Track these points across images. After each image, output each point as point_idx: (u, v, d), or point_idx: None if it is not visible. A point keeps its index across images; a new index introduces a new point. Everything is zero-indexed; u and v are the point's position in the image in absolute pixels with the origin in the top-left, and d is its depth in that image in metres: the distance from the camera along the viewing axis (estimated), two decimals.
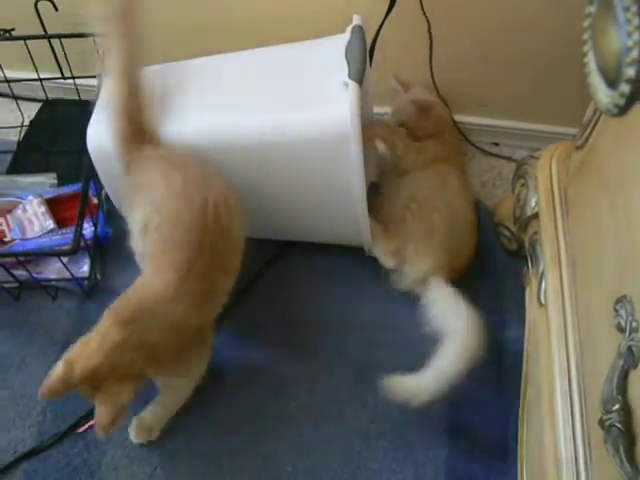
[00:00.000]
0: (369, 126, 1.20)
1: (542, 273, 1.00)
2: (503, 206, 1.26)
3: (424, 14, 1.20)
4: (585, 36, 0.65)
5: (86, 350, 0.88)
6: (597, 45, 0.63)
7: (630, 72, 0.55)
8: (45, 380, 0.87)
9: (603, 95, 0.62)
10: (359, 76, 0.98)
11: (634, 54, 0.54)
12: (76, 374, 0.87)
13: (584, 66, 0.65)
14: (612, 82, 0.59)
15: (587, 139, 0.94)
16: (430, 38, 1.24)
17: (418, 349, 1.15)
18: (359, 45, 1.01)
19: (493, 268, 1.24)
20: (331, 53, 1.04)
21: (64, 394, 0.87)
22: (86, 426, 1.10)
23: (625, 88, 0.57)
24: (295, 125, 1.02)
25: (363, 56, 1.00)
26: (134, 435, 1.08)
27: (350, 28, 1.05)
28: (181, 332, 0.95)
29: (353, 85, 0.98)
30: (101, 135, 1.11)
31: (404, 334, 1.17)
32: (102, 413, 0.87)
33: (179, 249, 0.93)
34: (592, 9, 0.63)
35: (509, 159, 1.40)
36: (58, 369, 0.87)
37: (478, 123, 1.42)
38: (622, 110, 0.59)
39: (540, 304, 0.99)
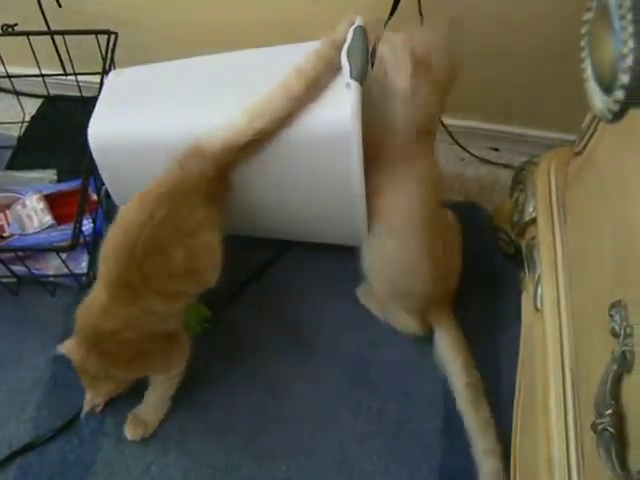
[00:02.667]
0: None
1: (538, 278, 1.00)
2: (502, 211, 1.27)
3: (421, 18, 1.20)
4: (582, 43, 0.66)
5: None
6: (594, 51, 0.63)
7: (624, 79, 0.56)
8: None
9: (598, 101, 0.63)
10: (360, 76, 0.98)
11: (629, 61, 0.55)
12: None
13: (582, 72, 0.66)
14: (607, 88, 0.60)
15: (585, 145, 0.95)
16: None
17: (414, 350, 1.16)
18: (361, 45, 1.01)
19: (490, 272, 1.25)
20: None
21: None
22: None
23: (619, 94, 0.57)
24: (296, 125, 1.02)
25: (365, 56, 1.00)
26: (129, 432, 1.09)
27: (352, 29, 1.05)
28: (131, 341, 0.98)
29: (354, 85, 0.98)
30: (103, 132, 1.11)
31: (400, 335, 1.18)
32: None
33: (108, 262, 0.96)
34: (589, 16, 0.64)
35: (507, 166, 1.40)
36: None
37: (477, 128, 1.43)
38: (616, 116, 0.60)
39: (536, 309, 1.00)
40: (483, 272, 1.24)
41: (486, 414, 1.04)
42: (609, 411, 0.65)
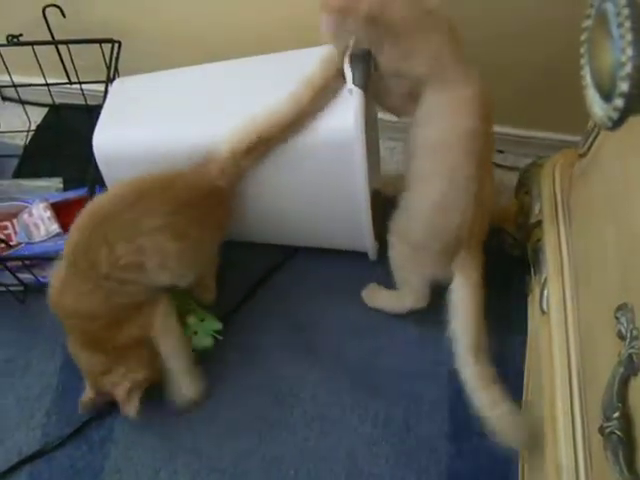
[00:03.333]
0: None
1: (544, 281, 1.00)
2: (507, 213, 1.26)
3: None
4: (582, 50, 0.66)
5: None
6: (593, 59, 0.64)
7: (623, 87, 0.56)
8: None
9: (598, 108, 0.63)
10: (363, 82, 0.99)
11: (627, 69, 0.55)
12: None
13: (581, 79, 0.66)
14: (607, 96, 0.60)
15: (590, 147, 0.94)
16: None
17: (419, 354, 1.16)
18: (363, 52, 1.01)
19: (496, 274, 1.24)
20: None
21: None
22: None
23: (619, 102, 0.57)
24: (300, 132, 1.03)
25: (367, 63, 1.00)
26: (192, 391, 1.11)
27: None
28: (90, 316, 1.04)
29: (357, 91, 0.98)
30: (107, 142, 1.12)
31: (406, 339, 1.18)
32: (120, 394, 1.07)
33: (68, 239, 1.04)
34: (588, 23, 0.64)
35: (512, 168, 1.40)
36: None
37: None
38: (616, 124, 0.60)
39: (542, 311, 1.00)
40: (488, 275, 1.23)
41: (489, 367, 1.01)
42: (616, 414, 0.65)
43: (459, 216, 1.02)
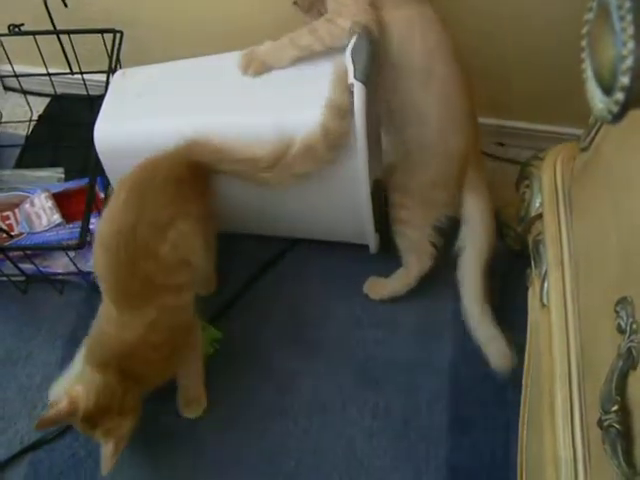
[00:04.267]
0: None
1: (545, 274, 1.00)
2: (508, 206, 1.26)
3: None
4: (583, 43, 0.66)
5: (85, 393, 0.94)
6: (594, 52, 0.63)
7: (624, 80, 0.56)
8: (47, 414, 0.93)
9: (599, 102, 0.62)
10: (364, 77, 0.98)
11: (628, 62, 0.55)
12: (79, 413, 0.93)
13: (582, 72, 0.66)
14: (607, 89, 0.60)
15: (592, 141, 0.94)
16: None
17: (419, 347, 1.17)
18: (365, 46, 1.00)
19: (497, 267, 1.25)
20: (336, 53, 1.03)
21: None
22: None
23: (619, 96, 0.57)
24: (301, 126, 1.02)
25: (369, 57, 1.00)
26: (190, 412, 1.11)
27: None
28: (154, 346, 0.97)
29: (358, 85, 0.98)
30: (108, 134, 1.12)
31: (406, 332, 1.18)
32: (107, 449, 0.94)
33: (103, 279, 0.98)
34: (590, 16, 0.64)
35: (513, 161, 1.40)
36: (62, 405, 0.93)
37: (483, 123, 1.42)
38: (616, 117, 0.60)
39: (542, 305, 1.00)
40: (489, 267, 1.23)
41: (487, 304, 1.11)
42: (615, 407, 0.65)
43: (461, 136, 1.08)
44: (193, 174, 1.04)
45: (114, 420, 0.94)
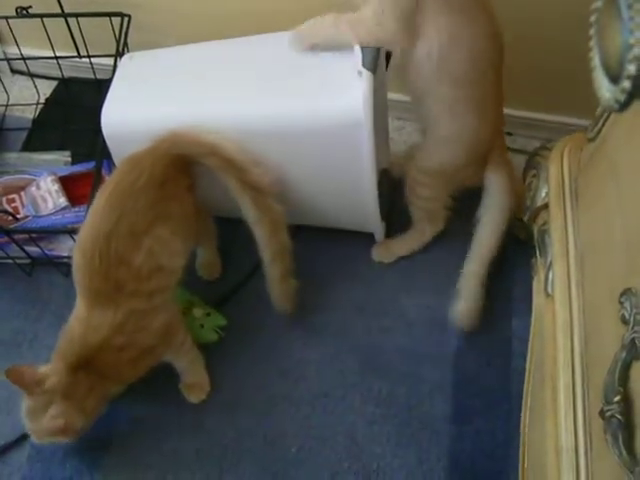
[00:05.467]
0: None
1: (550, 264, 1.00)
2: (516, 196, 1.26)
3: None
4: (591, 32, 0.65)
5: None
6: (601, 41, 0.63)
7: (631, 69, 0.56)
8: (22, 367, 0.96)
9: (605, 90, 0.62)
10: (372, 65, 0.98)
11: (636, 51, 0.55)
12: (43, 387, 0.95)
13: (590, 61, 0.66)
14: (614, 78, 0.60)
15: (599, 131, 0.94)
16: None
17: (424, 335, 1.17)
18: None
19: (502, 256, 1.25)
20: None
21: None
22: None
23: (626, 84, 0.57)
24: (308, 112, 1.02)
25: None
26: (193, 398, 1.12)
27: None
28: (119, 348, 0.97)
29: (366, 74, 0.97)
30: (115, 119, 1.12)
31: (411, 321, 1.19)
32: (53, 423, 0.95)
33: (77, 274, 0.98)
34: (599, 4, 0.63)
35: (520, 151, 1.39)
36: (35, 372, 0.96)
37: None
38: (622, 106, 0.60)
39: (547, 294, 1.00)
40: (495, 257, 1.23)
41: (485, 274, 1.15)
42: (617, 398, 0.66)
43: (490, 124, 1.11)
44: (177, 169, 1.03)
45: (70, 411, 0.96)
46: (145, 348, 1.01)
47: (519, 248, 1.23)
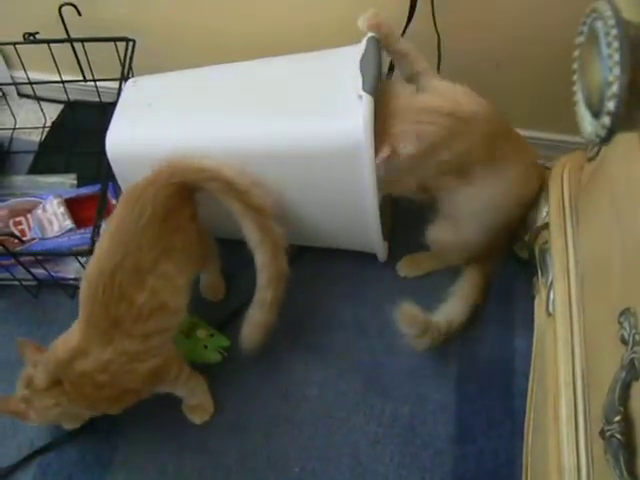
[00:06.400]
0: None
1: (551, 283, 1.01)
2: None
3: (435, 29, 1.20)
4: (574, 66, 0.66)
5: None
6: (584, 76, 0.64)
7: (610, 106, 0.56)
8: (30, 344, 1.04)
9: (588, 124, 0.63)
10: (373, 88, 0.98)
11: (614, 88, 0.55)
12: (32, 386, 0.99)
13: (573, 95, 0.67)
14: (596, 113, 0.61)
15: (599, 151, 0.95)
16: (439, 51, 1.23)
17: (427, 356, 1.17)
18: (374, 57, 1.01)
19: (503, 275, 1.25)
20: (346, 64, 1.04)
21: None
22: None
23: (606, 121, 0.58)
24: (308, 136, 1.03)
25: (378, 68, 1.00)
26: (196, 417, 1.12)
27: (365, 39, 1.05)
28: (104, 385, 0.97)
29: (367, 97, 0.98)
30: (120, 142, 1.13)
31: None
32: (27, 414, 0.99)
33: (81, 303, 0.98)
34: (581, 39, 0.64)
35: None
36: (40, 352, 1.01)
37: None
38: (603, 141, 0.60)
39: (548, 314, 1.00)
40: (496, 276, 1.24)
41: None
42: (617, 418, 0.66)
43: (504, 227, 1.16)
44: (179, 198, 1.02)
45: (34, 409, 0.99)
46: (127, 390, 1.00)
47: (521, 267, 1.24)
